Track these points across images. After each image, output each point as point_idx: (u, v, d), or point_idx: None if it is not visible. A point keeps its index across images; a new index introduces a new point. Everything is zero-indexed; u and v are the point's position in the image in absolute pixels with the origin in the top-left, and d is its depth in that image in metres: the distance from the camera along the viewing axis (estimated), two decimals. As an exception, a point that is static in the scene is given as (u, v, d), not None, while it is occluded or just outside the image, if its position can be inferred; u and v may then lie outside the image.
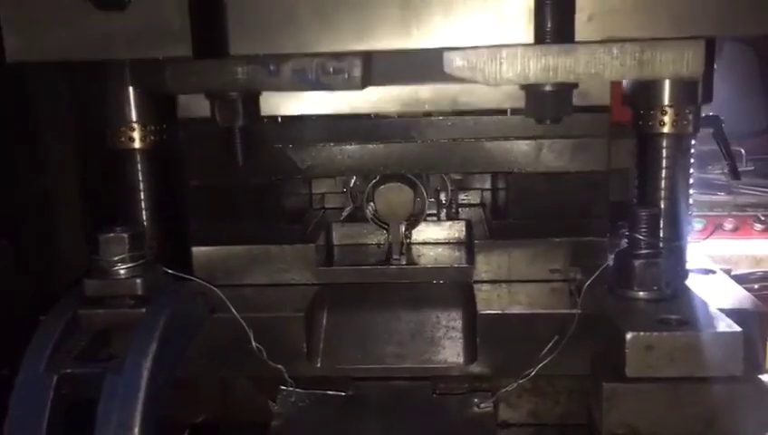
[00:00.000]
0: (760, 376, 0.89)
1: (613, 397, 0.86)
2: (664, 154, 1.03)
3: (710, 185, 2.50)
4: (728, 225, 2.39)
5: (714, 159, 2.66)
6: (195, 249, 1.19)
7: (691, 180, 1.09)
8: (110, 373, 0.88)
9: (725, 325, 0.87)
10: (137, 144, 1.08)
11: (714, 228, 2.31)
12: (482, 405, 1.06)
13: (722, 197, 2.50)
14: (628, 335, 0.86)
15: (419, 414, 1.07)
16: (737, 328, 0.86)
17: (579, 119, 1.16)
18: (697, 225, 2.29)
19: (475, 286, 1.16)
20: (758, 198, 2.51)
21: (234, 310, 1.05)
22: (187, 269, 1.15)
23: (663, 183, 1.04)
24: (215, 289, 1.06)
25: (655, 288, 0.95)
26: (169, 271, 1.03)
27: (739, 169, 2.66)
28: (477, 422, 1.05)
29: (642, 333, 0.86)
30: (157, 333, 0.92)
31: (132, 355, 0.89)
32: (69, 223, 1.47)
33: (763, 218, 2.39)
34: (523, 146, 1.15)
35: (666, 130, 1.02)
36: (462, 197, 1.44)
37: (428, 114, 1.17)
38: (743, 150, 2.75)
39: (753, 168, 2.65)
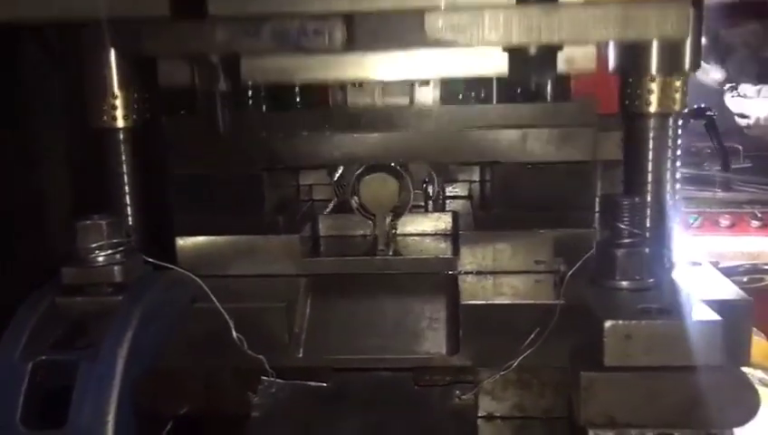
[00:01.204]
0: (743, 367, 0.88)
1: (591, 386, 0.85)
2: (651, 135, 1.02)
3: (707, 181, 2.49)
4: (724, 221, 2.38)
5: (711, 155, 2.67)
6: (179, 239, 1.19)
7: (678, 163, 1.08)
8: (84, 361, 0.87)
9: (705, 315, 0.85)
10: (120, 122, 1.07)
11: (710, 225, 2.31)
12: (463, 397, 1.05)
13: (718, 193, 2.49)
14: (607, 324, 0.85)
15: (400, 405, 1.06)
16: (717, 318, 0.85)
17: (565, 108, 1.16)
18: (693, 221, 2.28)
19: (460, 278, 1.16)
20: (754, 195, 2.50)
21: (215, 299, 1.04)
22: (172, 259, 1.16)
23: (650, 165, 1.03)
24: (196, 278, 1.05)
25: (637, 278, 0.94)
26: (150, 260, 1.03)
27: (735, 166, 2.67)
28: (458, 414, 1.04)
29: (621, 322, 0.85)
30: (133, 322, 0.91)
31: (107, 343, 0.88)
32: (61, 219, 1.47)
33: (759, 215, 2.38)
34: (508, 135, 1.14)
35: (652, 109, 1.01)
36: (450, 189, 1.43)
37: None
38: (740, 147, 2.75)
39: (750, 164, 2.64)
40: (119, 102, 1.06)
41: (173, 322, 1.04)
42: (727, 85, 2.90)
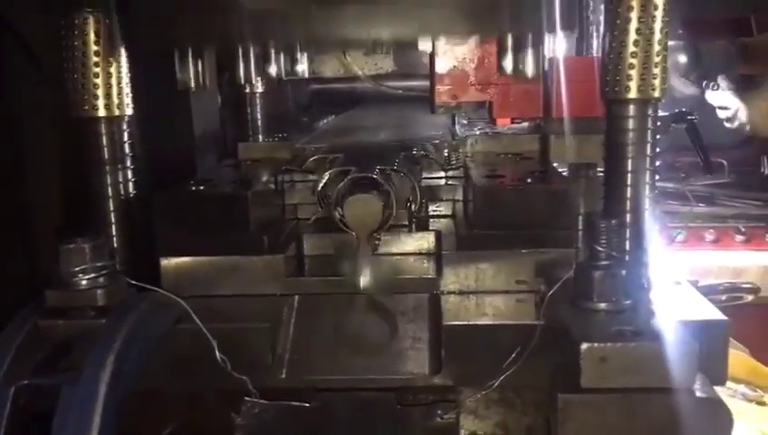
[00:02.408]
0: (716, 388, 0.90)
1: (567, 408, 0.86)
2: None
3: (691, 196, 2.52)
4: (709, 236, 2.40)
5: (695, 169, 2.70)
6: (163, 260, 1.20)
7: (658, 163, 1.11)
8: (66, 385, 0.88)
9: (680, 336, 0.87)
10: (101, 111, 1.07)
11: (694, 240, 2.33)
12: (445, 416, 1.06)
13: (702, 208, 2.52)
14: (583, 346, 0.86)
15: (383, 425, 1.07)
16: (692, 339, 0.86)
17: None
18: (677, 235, 2.30)
19: (443, 298, 1.17)
20: (739, 210, 2.52)
21: (198, 320, 1.05)
22: (155, 280, 1.17)
23: (629, 164, 1.06)
24: (179, 300, 1.06)
25: (614, 299, 0.96)
26: (133, 282, 1.04)
27: (720, 181, 2.69)
28: (440, 433, 1.05)
29: (596, 344, 0.86)
30: (115, 345, 0.92)
31: (89, 366, 0.89)
32: (48, 232, 1.48)
33: (743, 230, 2.41)
34: None
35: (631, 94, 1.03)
36: (433, 208, 1.45)
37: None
38: (724, 162, 2.78)
39: (734, 179, 2.67)
40: (99, 77, 1.09)
41: (157, 344, 1.05)
42: (704, 81, 2.92)
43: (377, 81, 2.40)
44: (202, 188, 1.28)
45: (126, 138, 1.20)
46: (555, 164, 1.42)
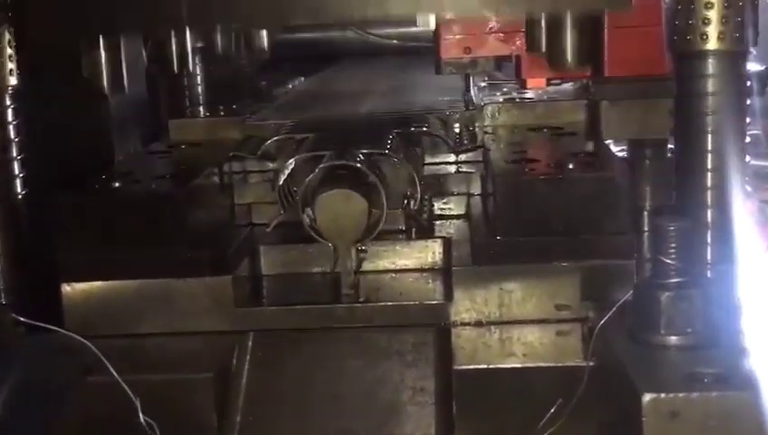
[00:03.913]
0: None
1: (627, 484, 0.87)
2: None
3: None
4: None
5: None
6: (65, 286, 1.20)
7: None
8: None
9: (781, 382, 0.87)
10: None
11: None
12: (459, 499, 1.07)
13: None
14: (646, 397, 0.86)
15: None
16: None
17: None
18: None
19: (454, 331, 1.17)
20: None
21: (113, 371, 1.05)
22: (55, 314, 1.17)
23: (709, 140, 1.06)
24: (86, 343, 1.07)
25: (688, 331, 0.96)
26: (21, 319, 1.04)
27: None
28: None
29: (665, 395, 0.86)
30: (-4, 407, 0.92)
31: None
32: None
33: None
34: None
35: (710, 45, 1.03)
36: (440, 205, 1.46)
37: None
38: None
39: None
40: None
41: (57, 403, 1.05)
42: None
43: (362, 27, 2.40)
44: (118, 185, 1.28)
45: (10, 117, 1.20)
46: (608, 142, 1.42)
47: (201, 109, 1.75)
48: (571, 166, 1.23)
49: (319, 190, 1.23)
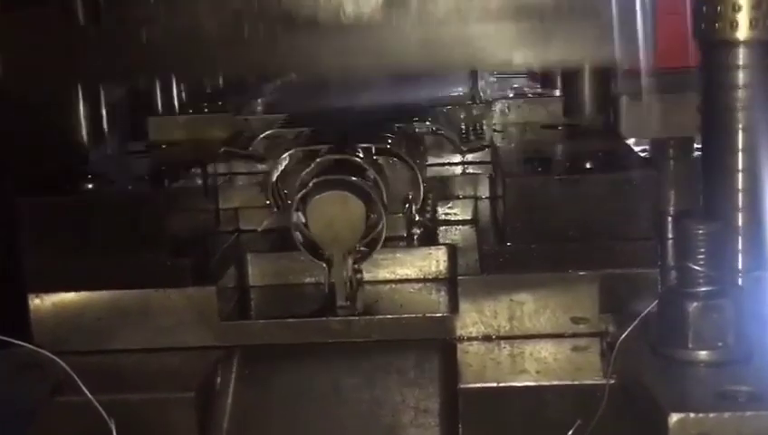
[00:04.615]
0: None
1: None
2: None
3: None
4: None
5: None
6: (33, 298, 1.20)
7: None
8: None
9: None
10: None
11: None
12: None
13: None
14: (673, 418, 0.86)
15: None
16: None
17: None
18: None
19: (460, 347, 1.17)
20: None
21: (86, 390, 1.05)
22: (22, 327, 1.17)
23: (740, 138, 1.06)
24: (55, 359, 1.06)
25: (719, 345, 0.96)
26: (-15, 333, 1.04)
27: None
28: None
29: (693, 415, 0.86)
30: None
31: None
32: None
33: None
34: None
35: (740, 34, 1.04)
36: (445, 209, 1.45)
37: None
38: None
39: None
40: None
41: (24, 424, 1.05)
42: None
43: None
44: (91, 187, 1.28)
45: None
46: (629, 140, 1.42)
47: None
48: (588, 165, 1.23)
49: (313, 191, 1.23)
